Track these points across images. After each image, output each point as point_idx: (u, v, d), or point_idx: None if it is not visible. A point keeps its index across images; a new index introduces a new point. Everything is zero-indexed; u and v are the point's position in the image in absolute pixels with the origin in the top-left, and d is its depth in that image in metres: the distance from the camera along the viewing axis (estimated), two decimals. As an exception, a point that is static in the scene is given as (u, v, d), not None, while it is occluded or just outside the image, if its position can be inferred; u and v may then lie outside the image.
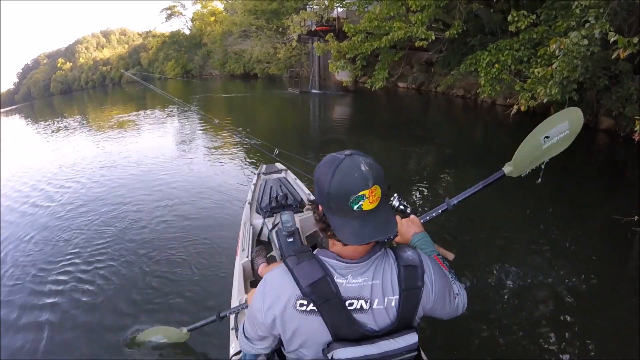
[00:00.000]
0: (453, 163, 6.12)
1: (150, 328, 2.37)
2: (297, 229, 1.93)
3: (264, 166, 3.62)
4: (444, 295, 0.93)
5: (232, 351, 1.61)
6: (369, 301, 0.84)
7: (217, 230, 3.92)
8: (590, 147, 6.92)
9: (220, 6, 36.48)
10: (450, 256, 1.19)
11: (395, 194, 1.25)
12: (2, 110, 34.18)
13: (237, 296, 1.94)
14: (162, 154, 7.65)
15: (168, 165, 6.72)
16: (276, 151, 3.79)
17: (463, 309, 1.01)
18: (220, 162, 6.78)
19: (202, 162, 6.92)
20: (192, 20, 38.77)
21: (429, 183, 5.18)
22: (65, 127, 14.52)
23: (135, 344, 2.37)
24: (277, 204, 2.68)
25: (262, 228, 2.63)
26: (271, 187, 3.06)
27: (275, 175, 3.39)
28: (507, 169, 1.30)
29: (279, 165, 3.61)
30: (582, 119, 1.23)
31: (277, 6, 23.71)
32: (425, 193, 4.76)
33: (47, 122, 17.18)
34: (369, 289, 0.84)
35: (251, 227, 2.57)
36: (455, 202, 1.31)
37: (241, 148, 7.66)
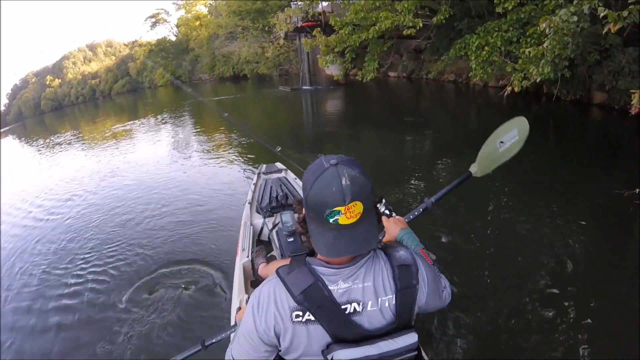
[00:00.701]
0: (449, 148, 6.08)
1: None
2: (298, 228, 1.91)
3: (264, 166, 3.61)
4: (436, 290, 0.93)
5: None
6: (361, 303, 0.83)
7: (218, 230, 3.91)
8: (585, 123, 6.90)
9: (204, 10, 36.26)
10: (432, 256, 1.17)
11: (384, 199, 1.26)
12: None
13: (237, 296, 1.94)
14: (159, 160, 7.63)
15: (166, 170, 6.70)
16: (278, 148, 3.54)
17: (449, 299, 1.01)
18: (219, 163, 6.74)
19: (200, 165, 6.89)
20: (177, 26, 38.47)
21: (425, 170, 5.15)
22: (60, 143, 14.44)
23: None
24: (277, 203, 2.67)
25: (262, 228, 2.63)
26: (271, 186, 3.06)
27: (275, 175, 3.38)
28: (473, 169, 1.42)
29: (279, 164, 3.60)
30: (528, 127, 1.35)
31: (261, 5, 23.57)
32: (423, 180, 4.73)
33: (42, 140, 17.09)
34: (360, 291, 0.83)
35: (251, 227, 2.57)
36: (433, 200, 1.42)
37: (240, 148, 7.61)
